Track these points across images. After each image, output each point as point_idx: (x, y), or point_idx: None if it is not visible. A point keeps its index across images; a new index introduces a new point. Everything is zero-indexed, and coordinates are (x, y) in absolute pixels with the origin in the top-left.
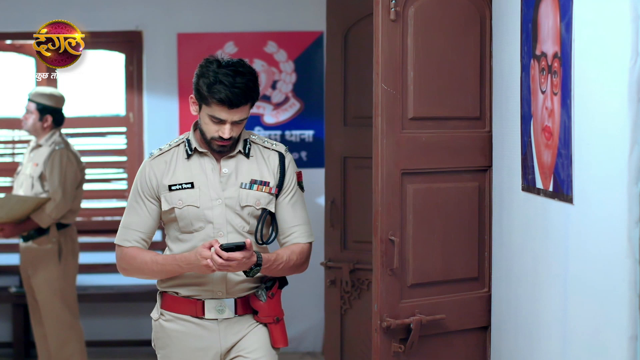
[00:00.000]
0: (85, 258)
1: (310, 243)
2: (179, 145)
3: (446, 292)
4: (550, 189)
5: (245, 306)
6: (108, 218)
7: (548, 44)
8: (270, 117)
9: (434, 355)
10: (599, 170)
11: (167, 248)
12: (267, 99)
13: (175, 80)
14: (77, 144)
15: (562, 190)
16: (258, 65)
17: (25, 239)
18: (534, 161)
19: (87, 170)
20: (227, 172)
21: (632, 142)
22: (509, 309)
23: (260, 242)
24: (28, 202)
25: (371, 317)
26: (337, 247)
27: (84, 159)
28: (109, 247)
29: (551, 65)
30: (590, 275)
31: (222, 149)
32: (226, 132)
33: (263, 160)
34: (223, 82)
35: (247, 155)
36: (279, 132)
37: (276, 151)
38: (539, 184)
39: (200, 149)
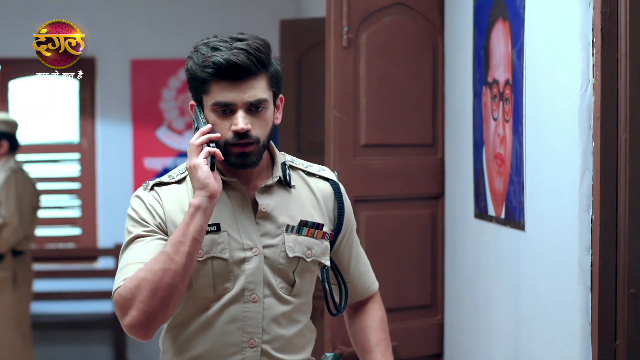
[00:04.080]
0: (38, 285)
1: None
2: (185, 178)
3: (399, 320)
4: (503, 216)
5: None
6: (61, 245)
7: (500, 71)
8: None
9: None
10: (550, 197)
11: (163, 353)
12: None
13: (129, 106)
14: (30, 170)
15: (514, 218)
16: None
17: None
18: (486, 188)
19: (40, 197)
20: (266, 210)
21: (583, 169)
22: (462, 336)
23: (335, 312)
24: None
25: (323, 344)
26: None
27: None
28: (62, 274)
29: (503, 92)
30: (543, 302)
31: (244, 159)
32: (240, 120)
33: (310, 192)
34: (218, 48)
35: (289, 185)
36: None
37: (325, 179)
38: (491, 211)
39: (225, 178)
